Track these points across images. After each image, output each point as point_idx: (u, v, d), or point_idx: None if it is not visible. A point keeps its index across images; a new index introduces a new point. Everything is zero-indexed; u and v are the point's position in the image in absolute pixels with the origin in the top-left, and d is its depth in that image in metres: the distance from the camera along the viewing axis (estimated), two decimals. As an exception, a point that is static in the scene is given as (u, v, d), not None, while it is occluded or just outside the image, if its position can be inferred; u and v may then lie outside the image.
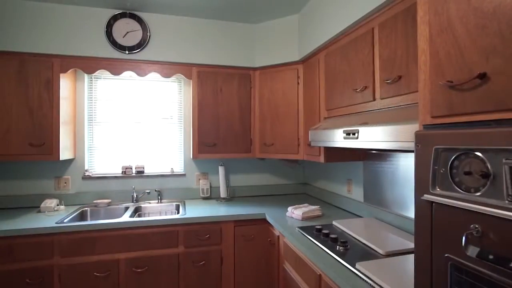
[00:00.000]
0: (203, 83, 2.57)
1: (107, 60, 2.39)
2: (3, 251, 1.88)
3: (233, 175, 2.98)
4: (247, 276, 2.31)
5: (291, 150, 2.53)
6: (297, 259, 1.78)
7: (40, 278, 1.93)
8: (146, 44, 2.42)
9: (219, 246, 2.26)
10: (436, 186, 0.82)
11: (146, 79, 2.75)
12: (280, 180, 3.12)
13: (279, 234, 2.13)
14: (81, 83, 2.62)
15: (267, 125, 2.64)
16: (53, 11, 2.27)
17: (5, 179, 2.47)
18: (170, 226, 2.16)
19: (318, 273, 1.51)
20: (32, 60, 2.24)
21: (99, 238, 2.03)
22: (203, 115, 2.57)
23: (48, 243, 1.95)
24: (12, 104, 2.19)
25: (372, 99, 1.61)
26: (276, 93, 2.60)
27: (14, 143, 2.19)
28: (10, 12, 2.20)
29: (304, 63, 2.47)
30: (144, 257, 2.10)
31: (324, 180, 2.79)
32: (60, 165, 2.57)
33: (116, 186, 2.68)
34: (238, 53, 2.65)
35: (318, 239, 1.71)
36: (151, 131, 2.81)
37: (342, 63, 1.89)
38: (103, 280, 2.03)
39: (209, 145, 2.58)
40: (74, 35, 2.30)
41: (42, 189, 2.54)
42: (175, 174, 2.83)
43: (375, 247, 1.53)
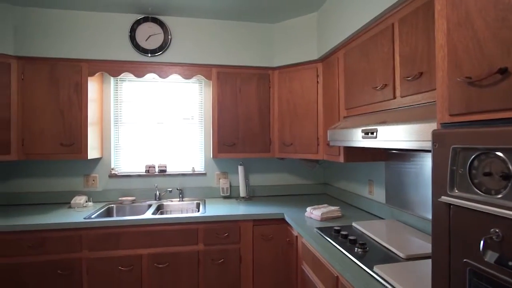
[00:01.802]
0: (222, 84, 2.61)
1: (131, 63, 2.49)
2: (37, 243, 2.02)
3: (252, 175, 3.00)
4: (265, 275, 2.32)
5: (310, 150, 2.51)
6: (314, 260, 1.76)
7: (69, 270, 2.05)
8: (167, 46, 2.50)
9: (238, 245, 2.29)
10: (454, 188, 0.78)
11: (168, 80, 2.83)
12: (300, 180, 3.09)
13: (297, 234, 2.11)
14: (107, 86, 2.75)
15: (286, 125, 2.63)
16: (80, 18, 2.40)
17: (39, 176, 2.65)
18: (191, 224, 2.22)
19: (335, 274, 1.48)
20: (62, 65, 2.37)
21: (123, 233, 2.12)
22: (223, 115, 2.61)
23: (77, 237, 2.07)
24: (45, 106, 2.34)
25: (392, 97, 1.55)
26: (295, 93, 2.58)
27: (47, 143, 2.34)
28: (41, 21, 2.35)
29: (323, 61, 2.43)
30: (165, 253, 2.17)
31: (344, 181, 2.73)
32: (88, 163, 2.72)
33: (140, 184, 2.78)
34: (256, 53, 2.66)
35: (336, 240, 1.69)
36: (173, 131, 2.89)
37: (361, 60, 1.84)
38: (127, 274, 2.11)
39: (229, 145, 2.62)
40: (100, 40, 2.42)
41: (72, 186, 2.69)
42: (196, 173, 2.89)
43: (395, 250, 1.48)
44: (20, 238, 2.00)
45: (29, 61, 2.33)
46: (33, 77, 2.33)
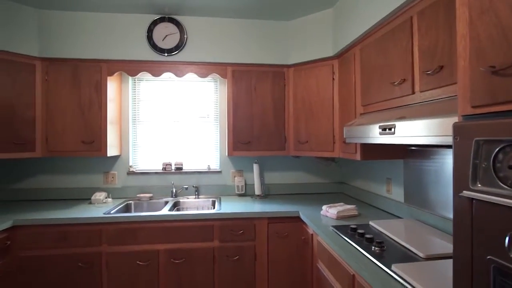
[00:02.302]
0: (237, 82, 2.62)
1: (148, 63, 2.54)
2: (59, 237, 2.10)
3: (267, 173, 3.00)
4: (280, 273, 2.31)
5: (326, 148, 2.48)
6: (330, 258, 1.74)
7: (90, 263, 2.12)
8: (183, 46, 2.53)
9: (253, 242, 2.29)
10: (477, 182, 0.75)
11: (184, 79, 2.87)
12: (316, 179, 3.06)
13: (312, 232, 2.09)
14: (126, 85, 2.82)
15: (301, 123, 2.61)
16: (100, 20, 2.47)
17: (61, 173, 2.75)
18: (206, 220, 2.24)
19: (352, 273, 1.46)
20: (84, 65, 2.45)
21: (141, 229, 2.17)
22: (238, 113, 2.62)
23: (97, 232, 2.13)
24: (67, 105, 2.43)
25: (411, 92, 1.51)
26: (310, 90, 2.56)
27: (69, 141, 2.43)
28: (64, 23, 2.43)
29: (339, 58, 2.40)
30: (181, 249, 2.20)
31: (361, 179, 2.68)
32: (108, 161, 2.80)
33: (157, 182, 2.84)
34: (271, 51, 2.65)
35: (352, 238, 1.66)
36: (189, 129, 2.93)
37: (379, 56, 1.80)
38: (144, 268, 2.16)
39: (244, 143, 2.62)
40: (119, 40, 2.48)
41: (93, 183, 2.78)
42: (211, 171, 2.92)
43: (414, 249, 1.44)
44: (44, 232, 2.09)
45: (52, 62, 2.43)
46: (56, 78, 2.42)
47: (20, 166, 2.70)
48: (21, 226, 2.07)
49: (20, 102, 2.30)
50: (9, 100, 2.26)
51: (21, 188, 2.69)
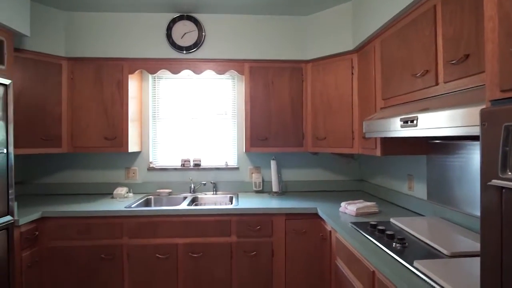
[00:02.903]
0: (255, 78, 2.62)
1: (167, 60, 2.59)
2: (83, 229, 2.18)
3: (285, 170, 2.98)
4: (298, 270, 2.29)
5: (345, 144, 2.43)
6: (349, 255, 1.70)
7: (112, 255, 2.18)
8: (201, 43, 2.57)
9: (270, 238, 2.28)
10: (507, 170, 0.71)
11: (202, 77, 2.90)
12: (334, 176, 3.01)
13: (331, 229, 2.06)
14: (146, 83, 2.89)
15: (319, 119, 2.58)
16: (122, 19, 2.55)
17: (85, 169, 2.85)
18: (224, 215, 2.25)
19: (372, 269, 1.42)
20: (106, 64, 2.54)
21: (160, 223, 2.22)
22: (255, 110, 2.62)
23: (118, 225, 2.20)
24: (91, 103, 2.52)
25: (434, 84, 1.45)
26: (329, 85, 2.52)
27: (92, 137, 2.52)
28: (88, 24, 2.53)
29: (359, 52, 2.35)
30: (199, 243, 2.23)
31: (382, 177, 2.61)
32: (129, 157, 2.88)
33: (176, 178, 2.89)
34: (289, 46, 2.63)
35: (372, 235, 1.61)
36: (207, 126, 2.97)
37: (400, 47, 1.75)
38: (163, 261, 2.20)
39: (261, 139, 2.62)
40: (139, 39, 2.55)
41: (115, 178, 2.87)
42: (229, 167, 2.93)
43: (438, 246, 1.38)
44: (69, 224, 2.18)
45: (77, 61, 2.52)
46: (80, 76, 2.52)
47: (47, 162, 2.83)
48: (48, 218, 2.17)
49: (49, 100, 2.41)
50: (40, 98, 2.37)
51: (48, 183, 2.82)
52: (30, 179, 2.82)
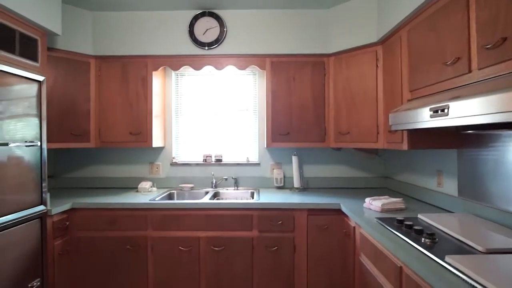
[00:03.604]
0: (276, 73, 2.61)
1: (190, 57, 2.63)
2: (110, 220, 2.25)
3: (306, 166, 2.94)
4: (320, 266, 2.25)
5: (369, 139, 2.37)
6: (374, 251, 1.65)
7: (137, 246, 2.24)
8: (223, 39, 2.58)
9: (292, 234, 2.26)
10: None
11: (224, 73, 2.93)
12: (357, 173, 2.94)
13: (355, 225, 2.01)
14: (169, 80, 2.96)
15: (342, 113, 2.52)
16: (146, 18, 2.61)
17: (111, 163, 2.96)
18: (245, 209, 2.26)
19: (399, 265, 1.37)
20: (131, 61, 2.61)
21: (183, 216, 2.25)
22: (277, 104, 2.61)
23: (143, 217, 2.26)
24: (117, 100, 2.61)
25: (467, 71, 1.38)
26: (352, 79, 2.46)
27: (118, 132, 2.60)
28: (114, 23, 2.61)
29: (384, 43, 2.28)
30: (221, 237, 2.25)
31: (408, 173, 2.52)
32: (153, 152, 2.95)
33: (198, 173, 2.93)
34: (311, 40, 2.60)
35: (399, 230, 1.56)
36: (228, 122, 2.99)
37: (429, 36, 1.67)
38: (186, 254, 2.24)
39: (283, 134, 2.60)
40: (163, 36, 2.61)
41: (139, 173, 2.95)
42: (250, 163, 2.94)
43: (472, 243, 1.31)
44: (97, 215, 2.26)
45: (104, 59, 2.62)
46: (107, 74, 2.61)
47: (76, 157, 2.96)
48: (78, 209, 2.26)
49: (78, 97, 2.52)
50: (71, 95, 2.48)
51: (77, 177, 2.95)
52: (60, 173, 2.96)
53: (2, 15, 1.74)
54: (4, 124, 1.72)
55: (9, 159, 1.75)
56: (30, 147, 1.90)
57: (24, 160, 1.85)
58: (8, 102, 1.75)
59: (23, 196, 1.84)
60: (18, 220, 1.78)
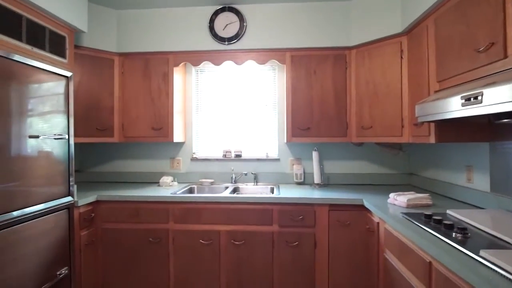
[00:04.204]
0: (296, 67, 2.58)
1: (210, 52, 2.65)
2: (133, 213, 2.30)
3: (327, 162, 2.89)
4: (342, 262, 2.20)
5: (393, 133, 2.29)
6: (400, 247, 1.60)
7: (159, 239, 2.28)
8: (243, 34, 2.58)
9: (313, 229, 2.22)
10: None
11: (243, 68, 2.93)
12: (380, 169, 2.86)
13: (378, 220, 1.95)
14: (189, 76, 2.99)
15: (364, 107, 2.46)
16: (167, 14, 2.65)
17: (134, 158, 3.03)
18: (266, 204, 2.25)
19: (428, 260, 1.31)
20: (153, 58, 2.66)
21: (204, 209, 2.27)
22: (297, 99, 2.58)
23: (164, 210, 2.29)
24: (139, 95, 2.66)
25: (502, 57, 1.30)
26: (375, 71, 2.39)
27: (141, 127, 2.66)
28: (136, 20, 2.67)
29: (408, 34, 2.20)
30: (241, 231, 2.24)
31: (434, 169, 2.42)
32: (174, 148, 2.99)
33: (217, 168, 2.94)
34: (331, 33, 2.55)
35: (427, 225, 1.49)
36: (248, 117, 2.98)
37: (458, 23, 1.60)
38: (207, 247, 2.25)
39: (303, 129, 2.57)
40: (183, 32, 2.64)
41: (160, 168, 3.00)
42: (269, 158, 2.92)
43: (507, 238, 1.24)
44: (121, 207, 2.31)
45: (127, 56, 2.68)
46: (130, 70, 2.67)
47: (100, 152, 3.05)
48: (103, 201, 2.32)
49: (103, 93, 2.59)
50: (96, 91, 2.56)
51: (101, 171, 3.04)
52: (85, 168, 3.06)
53: (34, 12, 1.82)
54: (35, 118, 1.79)
55: (40, 151, 1.82)
56: (58, 140, 1.97)
57: (53, 153, 1.92)
58: (39, 98, 1.82)
59: (52, 188, 1.91)
60: (48, 210, 1.85)
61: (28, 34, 1.78)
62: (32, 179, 1.75)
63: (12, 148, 1.63)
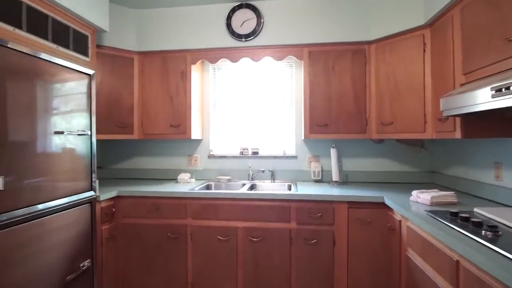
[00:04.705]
0: (314, 63, 2.54)
1: (227, 50, 2.66)
2: (152, 208, 2.34)
3: (345, 159, 2.84)
4: (362, 261, 2.15)
5: (415, 129, 2.22)
6: (425, 245, 1.54)
7: (177, 234, 2.31)
8: (260, 30, 2.58)
9: (332, 227, 2.19)
10: None
11: (260, 65, 2.92)
12: (401, 167, 2.77)
13: (400, 218, 1.89)
14: (206, 74, 3.01)
15: (385, 103, 2.40)
16: (185, 13, 2.68)
17: (152, 155, 3.08)
18: (283, 201, 2.23)
19: (455, 259, 1.26)
20: (171, 56, 2.70)
21: (221, 206, 2.27)
22: (315, 95, 2.54)
23: (183, 206, 2.31)
24: (158, 93, 2.70)
25: (537, 45, 1.23)
26: (396, 66, 2.33)
27: (159, 125, 2.70)
28: (155, 19, 2.71)
29: (432, 26, 2.12)
30: (259, 228, 2.23)
31: (459, 166, 2.33)
32: (191, 145, 3.02)
33: (234, 165, 2.95)
34: (350, 28, 2.50)
35: (454, 223, 1.43)
36: (265, 114, 2.97)
37: (486, 11, 1.53)
38: (224, 243, 2.26)
39: (321, 125, 2.53)
40: (201, 30, 2.66)
41: (178, 165, 3.04)
42: (287, 156, 2.90)
43: (542, 236, 1.17)
44: (140, 203, 2.35)
45: (146, 55, 2.73)
46: (149, 69, 2.72)
47: (120, 150, 3.11)
48: (123, 197, 2.37)
49: (124, 91, 2.65)
50: (116, 90, 2.62)
51: (121, 168, 3.11)
52: (106, 165, 3.13)
53: (59, 12, 1.87)
54: (60, 115, 1.85)
55: (64, 148, 1.87)
56: (81, 137, 2.02)
57: (76, 149, 1.98)
58: (63, 96, 1.88)
59: (76, 183, 1.97)
60: (71, 204, 1.91)
61: (54, 33, 1.83)
62: (56, 174, 1.81)
63: (39, 144, 1.69)
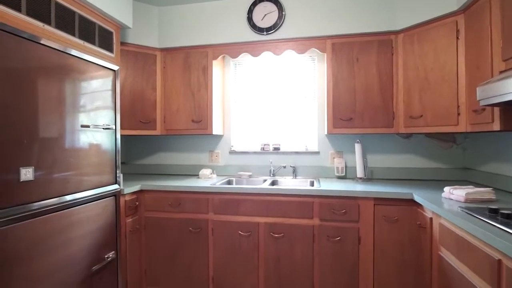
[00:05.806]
0: (337, 55, 2.46)
1: (248, 44, 2.63)
2: (174, 202, 2.36)
3: (370, 155, 2.73)
4: (389, 261, 2.06)
5: (447, 121, 2.09)
6: (460, 244, 1.43)
7: (199, 229, 2.31)
8: (281, 23, 2.53)
9: (357, 224, 2.10)
10: None
11: (282, 60, 2.87)
12: (430, 163, 2.63)
13: (431, 216, 1.78)
14: (227, 69, 3.00)
15: (414, 95, 2.28)
16: (206, 8, 2.68)
17: (174, 151, 3.11)
18: (306, 196, 2.17)
19: (496, 258, 1.16)
20: (193, 52, 2.71)
21: (242, 201, 2.25)
22: (338, 88, 2.46)
23: (204, 200, 2.31)
24: (180, 88, 2.72)
25: None
26: (426, 56, 2.20)
27: (181, 120, 2.71)
28: (176, 16, 2.73)
29: (466, 11, 1.99)
30: (281, 224, 2.19)
31: (495, 162, 2.17)
32: (212, 141, 3.02)
33: (255, 161, 2.92)
34: (375, 17, 2.40)
35: (494, 219, 1.32)
36: (286, 110, 2.92)
37: (532, -11, 1.40)
38: (245, 239, 2.23)
39: (345, 120, 2.45)
40: (221, 25, 2.65)
41: (200, 161, 3.05)
42: (309, 152, 2.83)
43: None
44: (163, 197, 2.38)
45: (169, 51, 2.76)
46: (171, 65, 2.74)
47: (143, 146, 3.17)
48: (146, 191, 2.41)
49: (147, 88, 2.69)
50: (141, 86, 2.66)
51: (144, 164, 3.16)
52: (129, 160, 3.20)
53: (85, 9, 1.92)
54: (86, 110, 1.89)
55: (90, 143, 1.92)
56: (106, 132, 2.06)
57: (102, 144, 2.02)
58: (89, 91, 1.92)
59: (101, 176, 2.01)
60: (97, 196, 1.95)
61: (80, 29, 1.88)
62: (83, 167, 1.85)
63: (67, 139, 1.74)
